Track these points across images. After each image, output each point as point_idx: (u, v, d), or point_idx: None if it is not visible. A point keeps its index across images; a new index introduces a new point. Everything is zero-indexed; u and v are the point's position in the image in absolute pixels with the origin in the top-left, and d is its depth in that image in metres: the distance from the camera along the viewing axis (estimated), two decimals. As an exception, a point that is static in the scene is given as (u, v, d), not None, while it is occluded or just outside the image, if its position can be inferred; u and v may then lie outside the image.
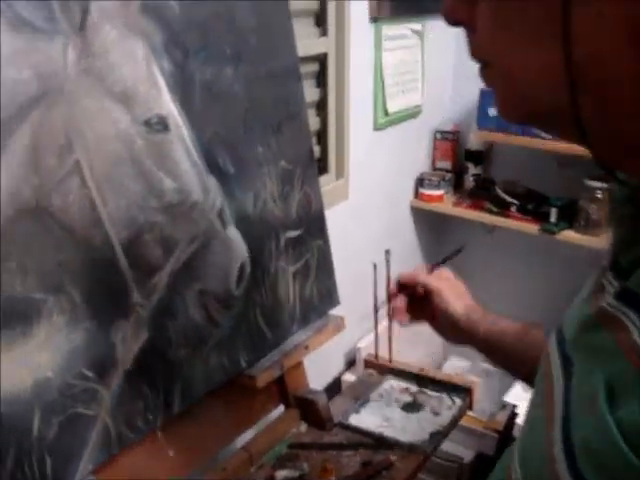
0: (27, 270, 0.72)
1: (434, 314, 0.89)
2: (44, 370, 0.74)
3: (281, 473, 0.96)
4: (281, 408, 1.09)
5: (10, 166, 0.70)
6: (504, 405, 1.83)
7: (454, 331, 0.88)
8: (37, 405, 0.73)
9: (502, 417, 1.83)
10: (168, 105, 0.84)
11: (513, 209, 1.92)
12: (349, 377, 1.78)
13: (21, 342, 0.72)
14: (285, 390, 1.07)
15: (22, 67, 0.71)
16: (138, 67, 0.81)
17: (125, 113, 0.80)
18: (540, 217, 1.88)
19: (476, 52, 0.44)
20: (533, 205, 1.90)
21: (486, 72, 0.45)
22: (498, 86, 0.44)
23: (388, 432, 1.07)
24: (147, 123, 0.82)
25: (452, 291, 0.89)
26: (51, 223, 0.74)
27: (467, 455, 1.81)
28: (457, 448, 1.79)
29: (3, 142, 0.69)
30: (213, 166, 0.90)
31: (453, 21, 0.44)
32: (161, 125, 0.83)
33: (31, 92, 0.72)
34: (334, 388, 1.64)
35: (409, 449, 1.03)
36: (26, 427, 0.72)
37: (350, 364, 1.87)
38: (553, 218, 1.85)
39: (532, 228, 1.88)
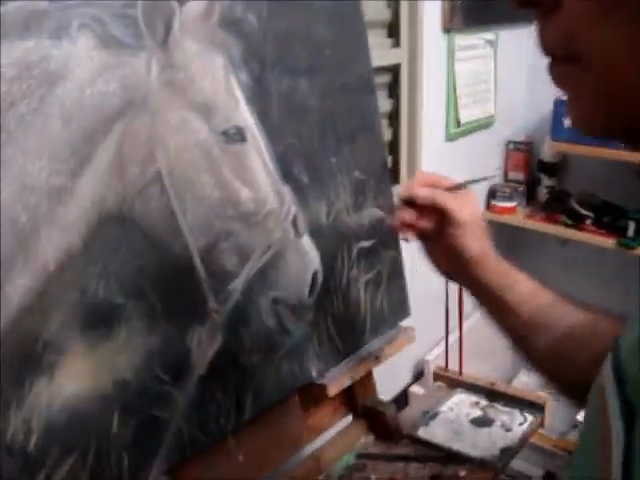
0: (110, 275, 0.75)
1: (442, 239, 0.80)
2: (123, 372, 0.76)
3: (349, 483, 0.96)
4: (349, 418, 1.09)
5: (96, 174, 0.73)
6: (576, 425, 1.78)
7: (457, 268, 0.80)
8: (116, 405, 0.75)
9: (573, 437, 1.78)
10: (245, 116, 0.86)
11: (588, 222, 1.88)
12: (417, 389, 1.77)
13: (102, 344, 0.75)
14: (354, 400, 1.07)
15: (110, 81, 0.74)
16: (217, 79, 0.84)
17: (204, 124, 0.82)
18: (617, 231, 1.82)
19: (557, 39, 0.34)
20: (610, 218, 1.85)
21: (566, 69, 0.35)
22: (585, 88, 0.34)
23: (458, 446, 1.06)
24: (225, 133, 0.84)
25: (473, 225, 0.79)
26: (133, 230, 0.76)
27: (535, 473, 1.77)
28: (525, 466, 1.75)
29: (90, 152, 0.72)
30: (288, 176, 0.92)
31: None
32: (239, 135, 0.85)
33: (117, 104, 0.75)
34: (401, 400, 1.63)
35: (480, 464, 1.01)
36: (106, 426, 0.75)
37: (418, 376, 1.85)
38: (631, 232, 1.79)
39: (608, 242, 1.83)
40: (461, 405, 1.18)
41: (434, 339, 1.75)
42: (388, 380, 1.43)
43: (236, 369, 0.88)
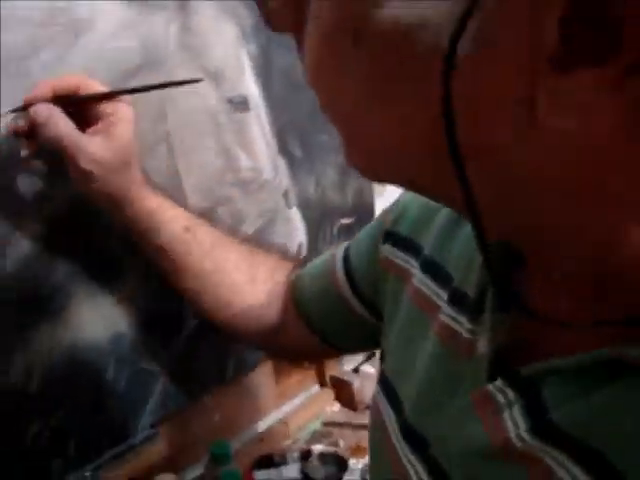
0: (114, 229, 0.76)
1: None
2: (119, 325, 0.78)
3: (317, 447, 1.00)
4: (316, 387, 1.13)
5: (111, 129, 0.74)
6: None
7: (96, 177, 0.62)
8: (111, 356, 0.77)
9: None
10: (251, 86, 0.88)
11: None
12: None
13: (102, 296, 0.76)
14: (322, 370, 1.12)
15: (131, 37, 0.75)
16: (229, 48, 0.85)
17: (213, 89, 0.84)
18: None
19: (307, 77, 0.34)
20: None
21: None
22: (338, 130, 0.35)
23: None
24: (231, 101, 0.86)
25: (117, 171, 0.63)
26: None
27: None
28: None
29: (107, 105, 0.73)
30: (284, 148, 0.94)
31: (277, 28, 0.35)
32: (243, 104, 0.87)
33: (136, 60, 0.75)
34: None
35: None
36: (101, 375, 0.76)
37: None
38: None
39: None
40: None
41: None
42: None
43: (221, 334, 0.91)
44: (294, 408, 1.07)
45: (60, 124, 0.59)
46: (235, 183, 0.87)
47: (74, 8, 0.70)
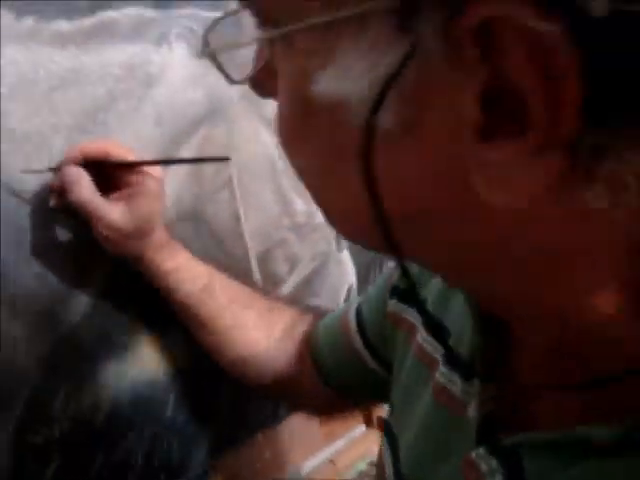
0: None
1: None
2: (181, 360, 0.81)
3: (364, 488, 1.01)
4: (362, 427, 1.15)
5: (177, 175, 0.78)
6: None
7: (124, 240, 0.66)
8: (173, 391, 0.80)
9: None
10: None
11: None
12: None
13: (166, 332, 0.79)
14: (369, 411, 1.13)
15: (197, 89, 0.79)
16: (287, 97, 0.90)
17: (271, 136, 0.88)
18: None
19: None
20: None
21: None
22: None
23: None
24: (288, 148, 0.90)
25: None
26: (204, 230, 0.81)
27: None
28: None
29: (174, 153, 0.78)
30: (336, 193, 0.98)
31: (261, 95, 0.38)
32: (300, 151, 0.91)
33: (202, 111, 0.80)
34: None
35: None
36: (162, 409, 0.79)
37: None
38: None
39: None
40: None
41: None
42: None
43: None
44: (341, 448, 1.08)
45: (84, 188, 0.63)
46: (290, 227, 0.90)
47: (148, 64, 0.75)
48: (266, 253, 0.88)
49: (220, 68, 0.38)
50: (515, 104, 0.24)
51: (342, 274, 1.00)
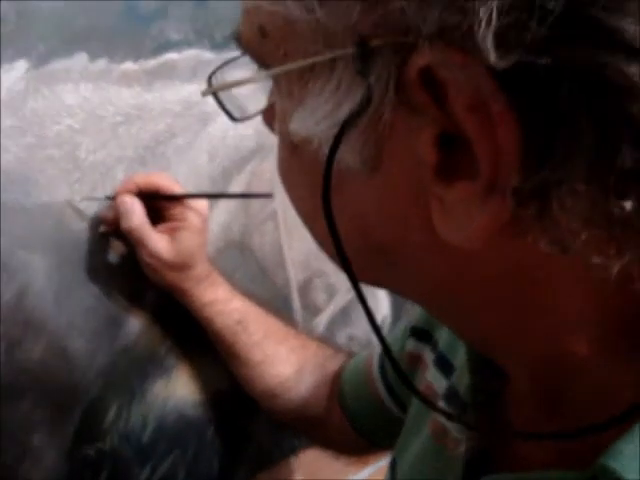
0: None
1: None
2: (222, 383, 0.85)
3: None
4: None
5: (228, 205, 0.83)
6: None
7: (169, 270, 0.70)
8: (214, 412, 0.84)
9: None
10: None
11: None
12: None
13: (209, 355, 0.83)
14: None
15: (248, 125, 0.84)
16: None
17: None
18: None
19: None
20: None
21: None
22: None
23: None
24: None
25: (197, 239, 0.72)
26: (249, 258, 0.86)
27: None
28: None
29: (226, 185, 0.83)
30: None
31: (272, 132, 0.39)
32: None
33: (251, 145, 0.85)
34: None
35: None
36: (204, 429, 0.83)
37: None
38: None
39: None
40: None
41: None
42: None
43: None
44: (373, 473, 1.10)
45: (135, 217, 0.68)
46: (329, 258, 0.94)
47: (205, 102, 0.80)
48: (306, 283, 0.92)
49: (222, 106, 0.43)
50: (467, 145, 0.25)
51: (376, 306, 1.03)
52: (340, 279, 0.96)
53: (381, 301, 1.04)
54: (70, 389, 0.69)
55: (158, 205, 0.71)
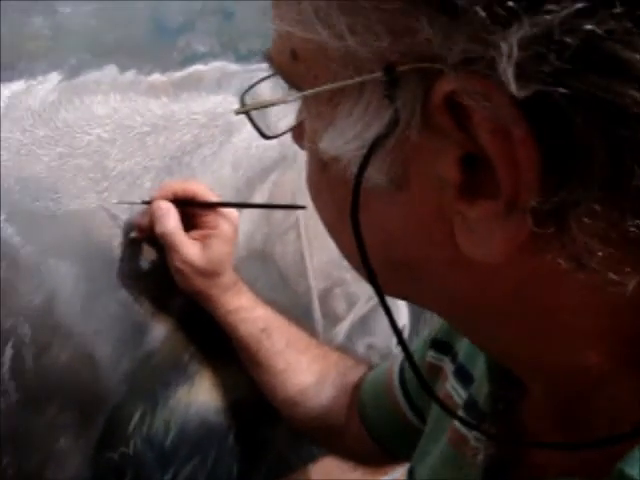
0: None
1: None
2: (243, 391, 0.86)
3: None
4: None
5: (251, 215, 0.84)
6: None
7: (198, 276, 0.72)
8: (234, 419, 0.85)
9: None
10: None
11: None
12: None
13: (231, 364, 0.84)
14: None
15: (272, 136, 0.86)
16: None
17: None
18: None
19: None
20: None
21: None
22: None
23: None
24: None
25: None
26: (271, 267, 0.87)
27: None
28: None
29: (248, 195, 0.84)
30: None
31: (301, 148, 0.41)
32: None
33: (274, 157, 0.86)
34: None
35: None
36: (224, 436, 0.84)
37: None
38: None
39: None
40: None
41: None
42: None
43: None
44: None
45: (170, 222, 0.69)
46: (349, 267, 0.95)
47: (230, 113, 0.81)
48: (326, 291, 0.93)
49: (253, 123, 0.45)
50: (489, 166, 0.27)
51: (396, 315, 1.04)
52: (360, 288, 0.97)
53: (400, 310, 1.05)
54: (95, 394, 0.70)
55: (191, 212, 0.73)
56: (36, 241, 0.64)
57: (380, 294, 0.33)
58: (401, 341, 0.35)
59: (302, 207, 0.80)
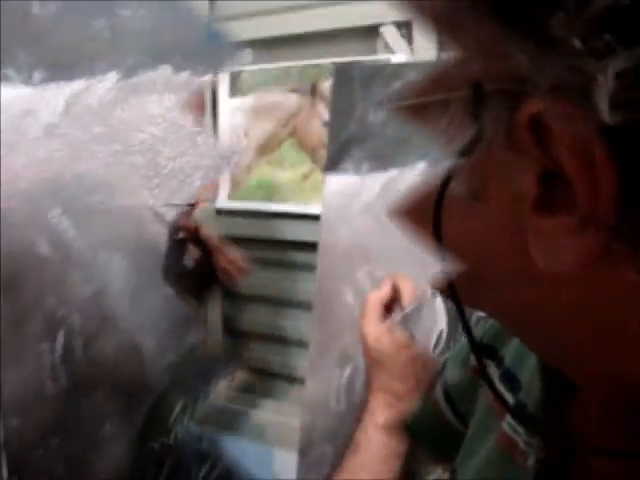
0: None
1: None
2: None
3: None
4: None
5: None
6: None
7: None
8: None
9: None
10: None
11: None
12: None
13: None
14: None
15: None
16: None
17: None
18: None
19: None
20: None
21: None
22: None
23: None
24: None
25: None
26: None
27: None
28: None
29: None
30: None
31: None
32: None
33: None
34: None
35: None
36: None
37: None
38: None
39: None
40: None
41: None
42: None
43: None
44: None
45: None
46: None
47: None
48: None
49: None
50: (567, 183, 0.27)
51: (434, 319, 1.04)
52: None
53: (440, 315, 1.05)
54: (140, 384, 0.72)
55: None
56: (89, 234, 0.66)
57: (458, 304, 0.35)
58: (467, 328, 0.37)
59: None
